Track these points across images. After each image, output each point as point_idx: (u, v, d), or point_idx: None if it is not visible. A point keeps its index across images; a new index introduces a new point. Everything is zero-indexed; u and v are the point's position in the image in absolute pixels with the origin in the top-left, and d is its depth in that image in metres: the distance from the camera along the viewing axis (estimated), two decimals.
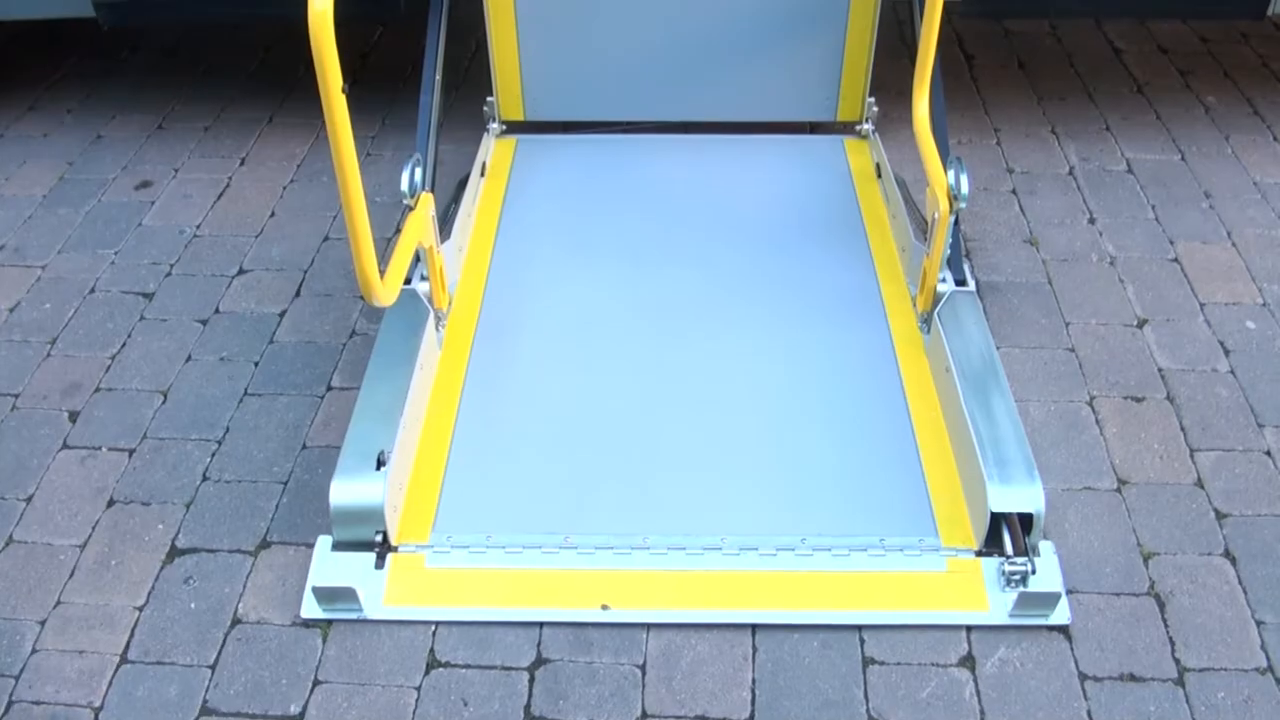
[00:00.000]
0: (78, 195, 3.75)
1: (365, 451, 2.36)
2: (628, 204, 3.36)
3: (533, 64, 3.54)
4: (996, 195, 3.63)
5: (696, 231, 3.24)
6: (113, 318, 3.20)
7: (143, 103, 4.28)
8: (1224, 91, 4.24)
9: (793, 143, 3.63)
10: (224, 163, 3.89)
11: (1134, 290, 3.23)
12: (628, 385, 2.73)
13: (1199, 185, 3.69)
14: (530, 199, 3.39)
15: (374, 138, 3.99)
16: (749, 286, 3.03)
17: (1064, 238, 3.44)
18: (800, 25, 3.46)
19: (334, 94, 2.00)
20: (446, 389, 2.73)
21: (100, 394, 2.93)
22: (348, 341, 3.07)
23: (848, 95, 3.58)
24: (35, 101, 4.34)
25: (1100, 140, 3.92)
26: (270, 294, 3.26)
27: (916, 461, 2.53)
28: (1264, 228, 3.49)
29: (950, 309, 2.75)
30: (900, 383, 2.73)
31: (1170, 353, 3.01)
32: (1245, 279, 3.28)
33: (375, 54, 4.60)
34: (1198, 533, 2.52)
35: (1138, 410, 2.83)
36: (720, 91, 3.58)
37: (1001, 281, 3.25)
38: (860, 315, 2.93)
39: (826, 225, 3.25)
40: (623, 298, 3.00)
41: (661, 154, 3.57)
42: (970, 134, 3.95)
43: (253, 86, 4.36)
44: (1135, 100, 4.17)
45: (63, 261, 3.43)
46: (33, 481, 2.68)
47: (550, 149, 3.61)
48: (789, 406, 2.67)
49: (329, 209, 3.62)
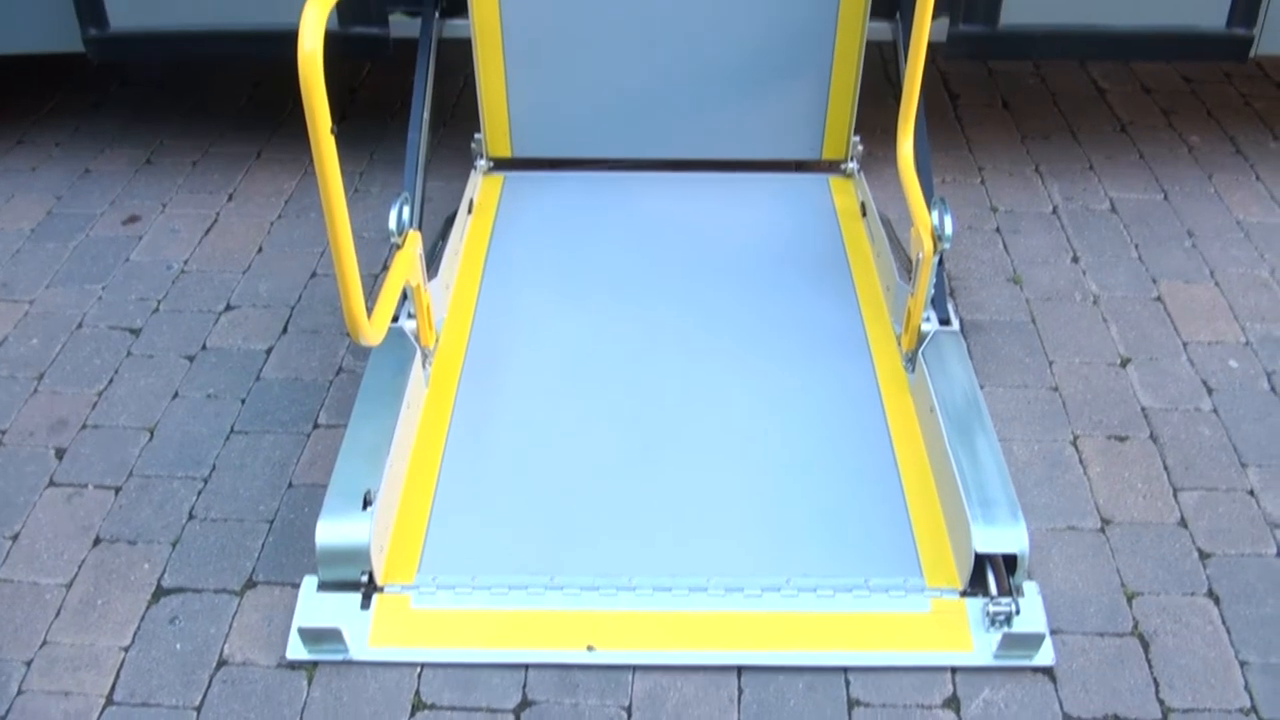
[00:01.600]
0: (65, 229, 3.75)
1: (351, 491, 2.36)
2: (614, 241, 3.37)
3: (520, 102, 3.57)
4: (981, 234, 3.65)
5: (683, 269, 3.25)
6: (100, 354, 3.20)
7: (131, 137, 4.29)
8: (1207, 131, 4.28)
9: (778, 181, 3.65)
10: (212, 198, 3.90)
11: (1117, 329, 3.25)
12: (613, 424, 2.74)
13: (1182, 224, 3.72)
14: (517, 236, 3.40)
15: (362, 173, 4.01)
16: (735, 324, 3.05)
17: (1048, 276, 3.46)
18: (786, 65, 3.49)
19: (323, 134, 2.01)
20: (433, 427, 2.74)
21: (87, 431, 2.93)
22: (334, 379, 3.08)
23: (833, 134, 3.61)
24: (23, 135, 4.34)
25: (1084, 179, 3.95)
26: (257, 330, 3.27)
27: (901, 501, 2.54)
28: (1247, 267, 3.52)
29: (934, 348, 2.76)
30: (885, 422, 2.75)
31: (1153, 392, 3.03)
32: (1228, 318, 3.30)
33: (364, 90, 4.62)
34: (1181, 573, 2.53)
35: (1121, 450, 2.84)
36: (706, 130, 3.61)
37: (985, 320, 3.27)
38: (845, 354, 2.95)
39: (812, 263, 3.27)
40: (609, 336, 3.01)
41: (648, 192, 3.59)
42: (954, 173, 3.98)
43: (241, 122, 4.38)
44: (1119, 139, 4.21)
45: (50, 296, 3.43)
46: (19, 519, 2.68)
47: (537, 186, 3.63)
48: (774, 445, 2.68)
49: (317, 245, 3.63)
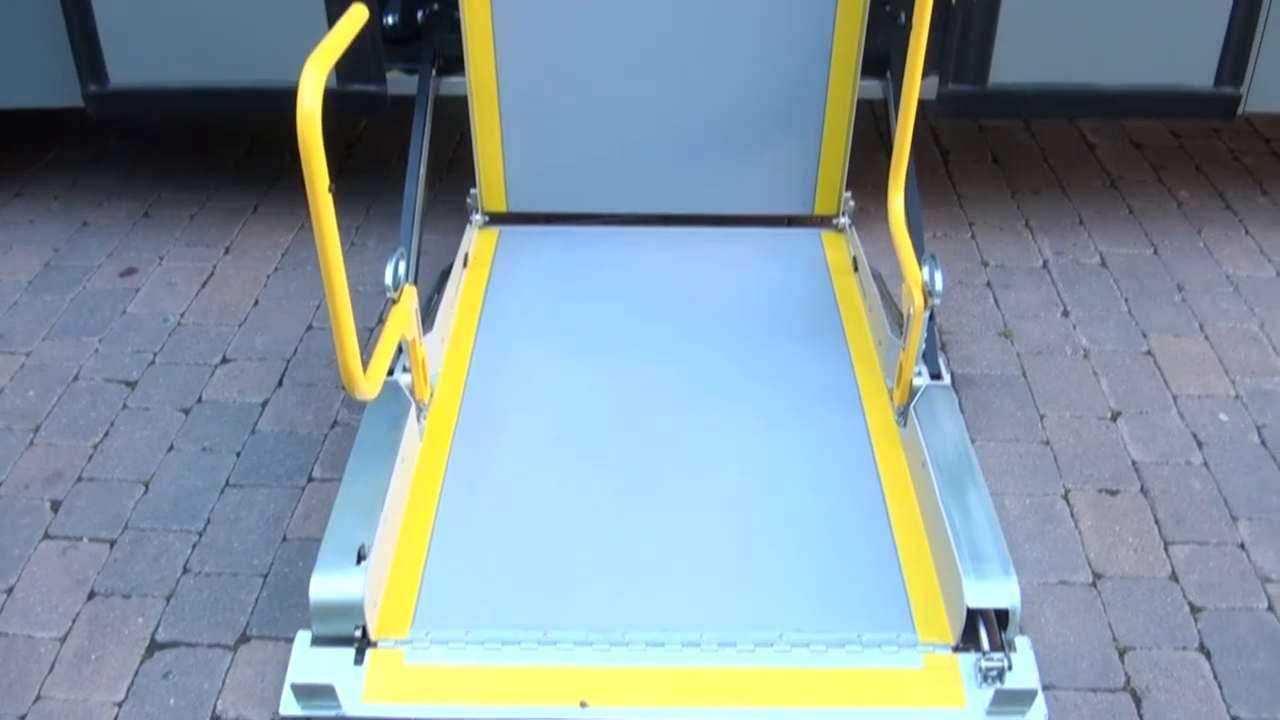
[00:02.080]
0: (63, 282, 3.78)
1: (346, 545, 2.37)
2: (608, 295, 3.40)
3: (515, 157, 3.60)
4: (971, 288, 3.68)
5: (676, 323, 3.27)
6: (96, 406, 3.21)
7: (129, 190, 4.33)
8: (1196, 185, 4.33)
9: (771, 236, 3.68)
10: (209, 251, 3.93)
11: (1108, 383, 3.28)
12: (606, 478, 2.75)
13: (1172, 278, 3.75)
14: (512, 290, 3.42)
15: (359, 227, 4.04)
16: (728, 378, 3.07)
17: (1038, 330, 3.49)
18: (778, 122, 3.53)
19: (320, 193, 2.03)
20: (427, 481, 2.75)
21: (82, 483, 2.94)
22: (329, 432, 3.09)
23: (824, 190, 3.65)
24: (22, 188, 4.38)
25: (1074, 234, 3.99)
26: (253, 383, 3.29)
27: (893, 556, 2.55)
28: (1236, 321, 3.55)
29: (926, 403, 2.78)
30: (877, 476, 2.76)
31: (1144, 445, 3.05)
32: (1218, 372, 3.33)
33: (361, 144, 4.67)
34: (1173, 627, 2.54)
35: (1112, 503, 2.86)
36: (700, 185, 3.65)
37: (977, 374, 3.29)
38: (837, 408, 2.96)
39: (804, 318, 3.30)
40: (603, 390, 3.03)
41: (642, 246, 3.62)
42: (945, 228, 4.02)
43: (239, 175, 4.41)
44: (1108, 194, 4.25)
45: (47, 348, 3.45)
46: (14, 572, 2.68)
47: (532, 240, 3.66)
48: (767, 499, 2.69)
49: (313, 298, 3.65)
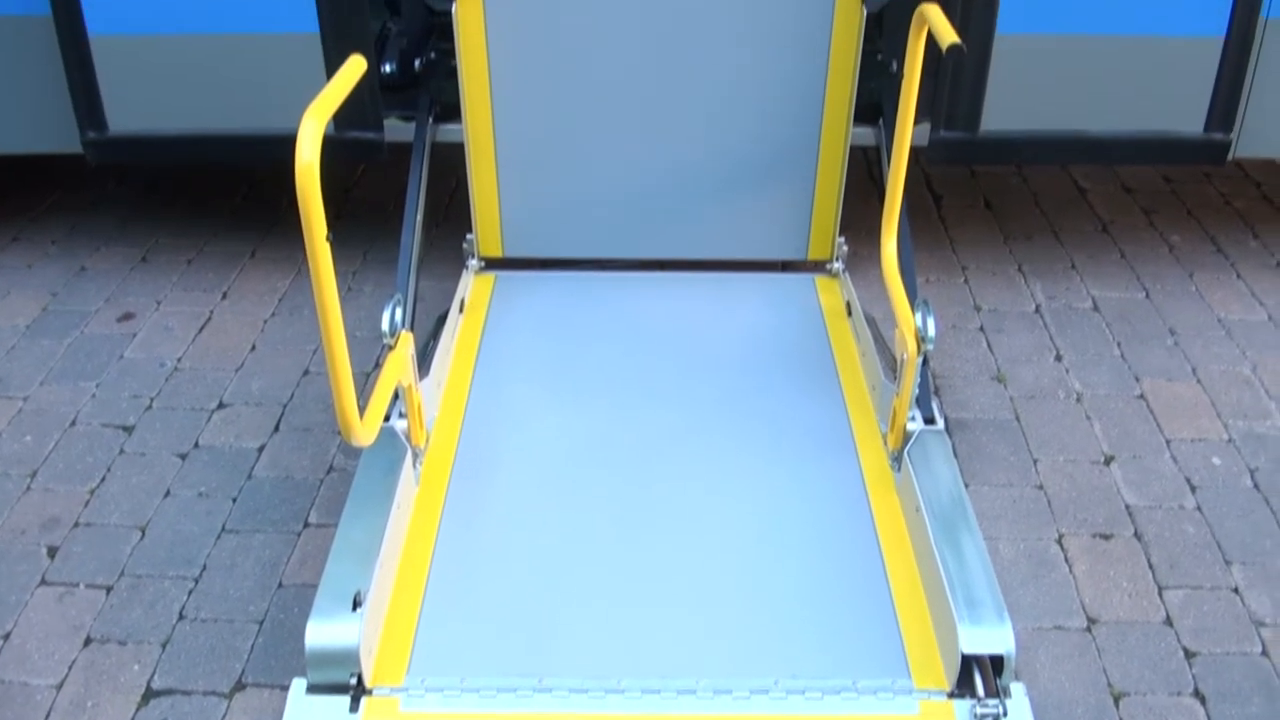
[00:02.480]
0: (60, 326, 3.79)
1: (341, 592, 2.37)
2: (604, 340, 3.41)
3: (512, 203, 3.63)
4: (964, 333, 3.70)
5: (671, 368, 3.29)
6: (93, 451, 3.22)
7: (127, 235, 4.35)
8: (1187, 230, 4.36)
9: (765, 281, 3.71)
10: (206, 296, 3.95)
11: (1101, 427, 3.29)
12: (603, 524, 2.76)
13: (1164, 322, 3.78)
14: (508, 335, 3.44)
15: (355, 272, 4.06)
16: (722, 423, 3.08)
17: (1031, 375, 3.50)
18: (772, 168, 3.56)
19: (318, 242, 2.05)
20: (423, 527, 2.75)
21: (79, 529, 2.94)
22: (325, 477, 3.10)
23: (818, 235, 3.68)
24: (20, 233, 4.40)
25: (1066, 278, 4.02)
26: (249, 428, 3.30)
27: (888, 601, 2.55)
28: (1228, 364, 3.57)
29: (920, 448, 2.79)
30: (872, 521, 2.77)
31: (1137, 490, 3.06)
32: (1211, 415, 3.34)
33: (358, 189, 4.69)
34: (1167, 672, 2.54)
35: (1106, 548, 2.87)
36: (694, 231, 3.67)
37: (970, 419, 3.31)
38: (832, 453, 2.97)
39: (798, 363, 3.31)
40: (598, 435, 3.04)
41: (637, 291, 3.64)
42: (938, 272, 4.04)
43: (236, 221, 4.44)
44: (1100, 239, 4.28)
45: (44, 393, 3.46)
46: (10, 618, 2.68)
47: (528, 285, 3.68)
48: (762, 544, 2.70)
49: (309, 342, 3.67)
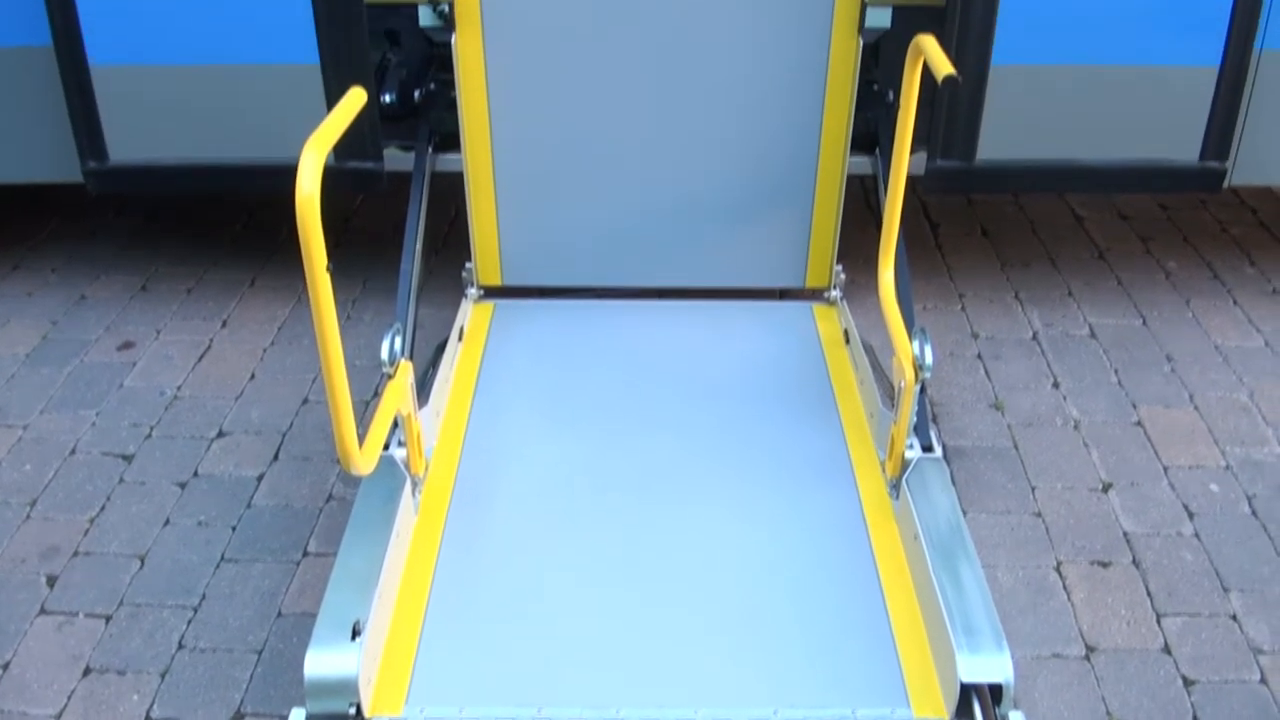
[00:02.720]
0: (60, 355, 3.80)
1: (340, 621, 2.37)
2: (602, 368, 3.42)
3: (511, 232, 3.65)
4: (962, 360, 3.71)
5: (669, 396, 3.30)
6: (92, 480, 3.23)
7: (127, 264, 4.37)
8: (1184, 257, 4.38)
9: (763, 309, 3.72)
10: (205, 324, 3.96)
11: (1098, 454, 3.30)
12: (601, 553, 2.76)
13: (1161, 349, 3.79)
14: (507, 363, 3.45)
15: (355, 301, 4.07)
16: (721, 452, 3.08)
17: (1029, 402, 3.51)
18: (770, 197, 3.58)
19: (319, 273, 2.06)
20: (422, 556, 2.75)
21: (79, 558, 2.95)
22: (324, 506, 3.11)
23: (816, 263, 3.69)
24: (20, 261, 4.41)
25: (1063, 305, 4.03)
26: (249, 457, 3.30)
27: (887, 630, 2.56)
28: (1225, 391, 3.58)
29: (918, 476, 2.80)
30: (870, 549, 2.77)
31: (1135, 517, 3.07)
32: (1208, 442, 3.35)
33: (358, 217, 4.71)
34: (1166, 700, 2.54)
35: (1104, 575, 2.87)
36: (693, 259, 3.69)
37: (968, 446, 3.32)
38: (830, 481, 2.98)
39: (797, 390, 3.32)
40: (596, 464, 3.04)
41: (636, 319, 3.65)
42: (936, 300, 4.06)
43: (236, 249, 4.45)
44: (1097, 266, 4.30)
45: (44, 422, 3.47)
46: (10, 648, 2.68)
47: (527, 313, 3.69)
48: (761, 572, 2.70)
49: (309, 371, 3.68)
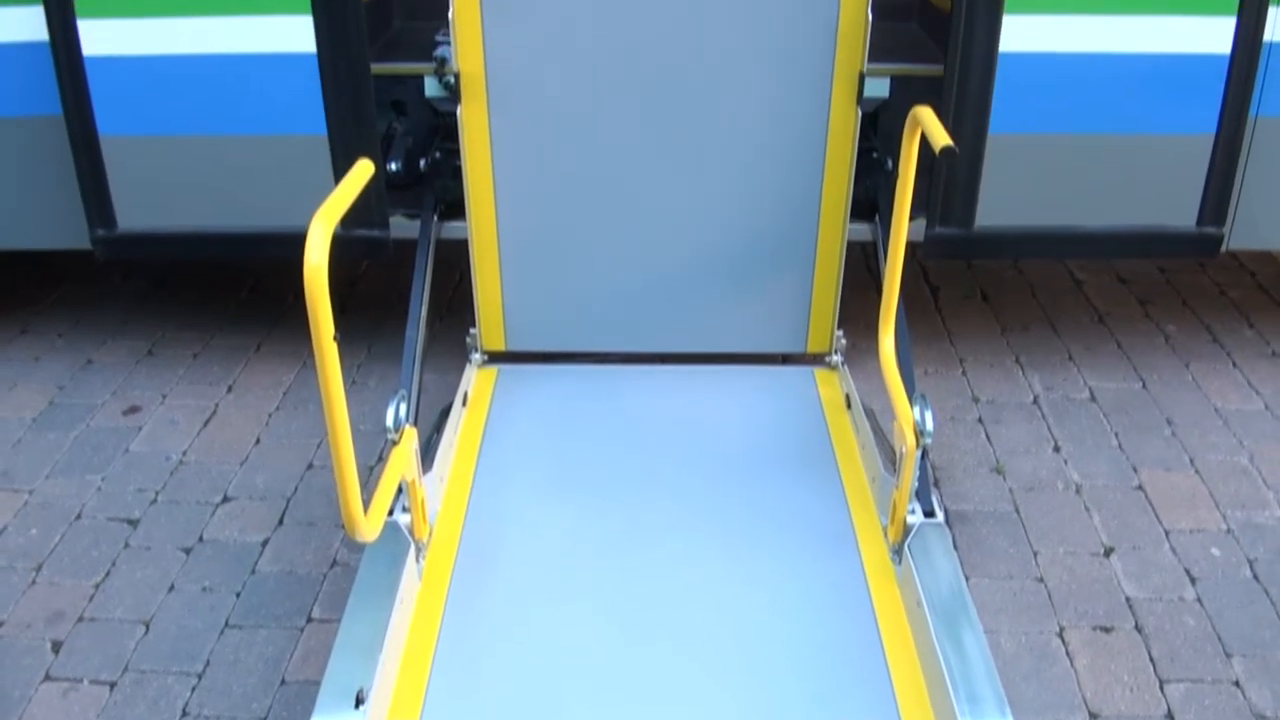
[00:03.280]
0: (67, 419, 3.82)
1: (344, 689, 2.38)
2: (606, 433, 3.44)
3: (515, 298, 3.68)
4: (963, 424, 3.73)
5: (672, 461, 3.32)
6: (98, 545, 3.24)
7: (133, 328, 4.40)
8: (1183, 320, 4.41)
9: (765, 374, 3.74)
10: (211, 389, 3.98)
11: (1100, 518, 3.31)
12: (604, 619, 2.77)
13: (1161, 413, 3.81)
14: (511, 428, 3.47)
15: (360, 365, 4.10)
16: (724, 516, 3.10)
17: (1030, 466, 3.53)
18: (771, 263, 3.62)
19: (326, 341, 2.09)
20: (426, 623, 2.76)
21: (84, 623, 2.95)
22: (329, 572, 3.11)
23: (817, 328, 3.72)
24: (27, 325, 4.45)
25: (1063, 369, 4.05)
26: (254, 522, 3.32)
27: (890, 696, 2.55)
28: (1226, 454, 3.59)
29: (920, 541, 2.81)
30: (873, 615, 2.78)
31: (1137, 581, 3.07)
32: (1209, 506, 3.36)
33: (363, 282, 4.75)
34: None
35: (1107, 641, 2.87)
36: (695, 325, 3.72)
37: (970, 510, 3.33)
38: (832, 546, 2.99)
39: (798, 455, 3.34)
40: (600, 529, 3.05)
41: (639, 384, 3.68)
42: (936, 364, 4.08)
43: (242, 314, 4.49)
44: (1096, 329, 4.33)
45: (50, 486, 3.49)
46: (14, 714, 2.68)
47: (530, 379, 3.72)
48: (763, 637, 2.70)
49: (314, 436, 3.70)
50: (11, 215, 3.82)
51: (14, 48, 3.55)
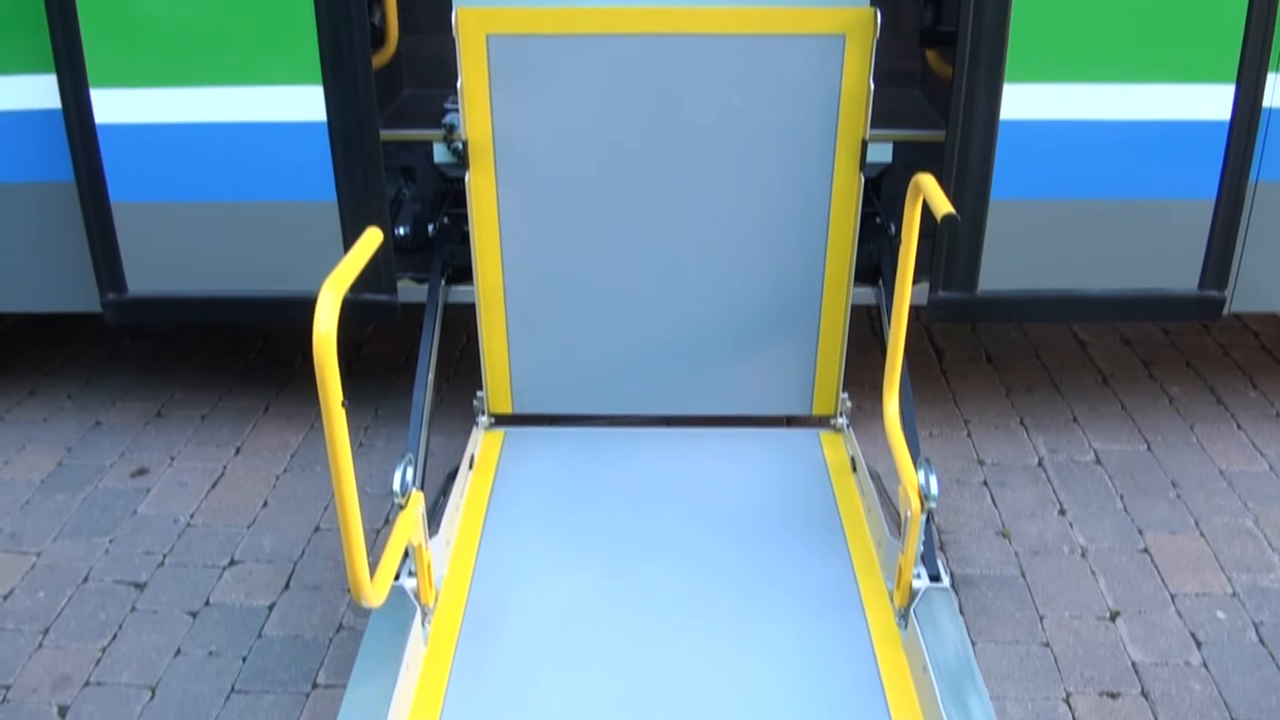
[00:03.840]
0: (75, 481, 3.84)
1: None
2: (612, 496, 3.45)
3: (522, 361, 3.71)
4: (968, 487, 3.74)
5: (678, 524, 3.33)
6: (105, 608, 3.25)
7: (142, 390, 4.43)
8: (1187, 381, 4.42)
9: (770, 436, 3.76)
10: (219, 451, 4.00)
11: (1105, 582, 3.31)
12: (609, 682, 2.77)
13: (1166, 475, 3.81)
14: (517, 492, 3.48)
15: (367, 428, 4.12)
16: (729, 580, 3.10)
17: (1035, 529, 3.53)
18: (776, 327, 3.64)
19: (334, 407, 2.12)
20: (431, 688, 2.76)
21: (90, 688, 2.95)
22: (334, 636, 3.12)
23: (822, 391, 3.74)
24: (36, 386, 4.47)
25: (1068, 431, 4.06)
26: (260, 586, 3.32)
27: None
28: (1231, 516, 3.59)
29: (926, 606, 2.81)
30: (879, 680, 2.77)
31: (1143, 646, 3.06)
32: (1214, 569, 3.36)
33: (370, 345, 4.78)
34: None
35: (1114, 707, 2.87)
36: (700, 387, 3.74)
37: (976, 574, 3.33)
38: (838, 611, 2.99)
39: (804, 518, 3.35)
40: (605, 593, 3.06)
41: (644, 447, 3.69)
42: (941, 426, 4.10)
43: (250, 376, 4.52)
44: (1101, 391, 4.34)
45: (58, 549, 3.50)
46: None
47: (537, 441, 3.74)
48: (770, 703, 2.70)
49: (320, 499, 3.71)
50: (23, 278, 3.86)
51: (28, 114, 3.61)
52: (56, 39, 3.42)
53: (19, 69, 3.54)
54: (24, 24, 3.47)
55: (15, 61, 3.54)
